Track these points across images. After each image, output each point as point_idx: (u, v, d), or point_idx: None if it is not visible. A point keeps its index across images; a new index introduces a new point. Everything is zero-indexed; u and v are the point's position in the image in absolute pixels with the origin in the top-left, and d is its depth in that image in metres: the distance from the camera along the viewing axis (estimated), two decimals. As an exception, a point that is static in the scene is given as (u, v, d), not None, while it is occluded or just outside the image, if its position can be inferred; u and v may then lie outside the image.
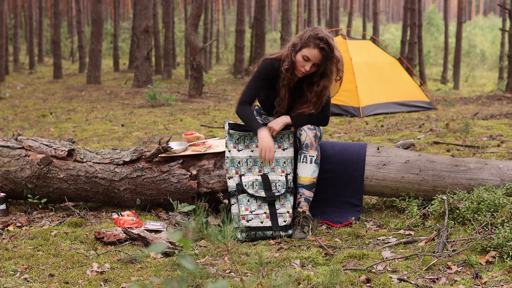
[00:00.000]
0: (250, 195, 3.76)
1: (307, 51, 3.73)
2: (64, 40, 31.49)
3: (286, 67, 3.78)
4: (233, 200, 3.78)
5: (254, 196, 3.76)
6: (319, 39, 3.71)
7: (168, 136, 7.52)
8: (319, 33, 3.74)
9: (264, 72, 3.86)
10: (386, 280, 2.94)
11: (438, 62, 27.07)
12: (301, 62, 3.75)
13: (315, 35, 3.73)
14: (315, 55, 3.73)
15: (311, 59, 3.74)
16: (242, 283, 2.12)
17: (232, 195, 3.78)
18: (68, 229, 3.85)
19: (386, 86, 10.26)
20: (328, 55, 3.73)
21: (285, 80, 3.81)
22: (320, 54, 3.72)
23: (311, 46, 3.72)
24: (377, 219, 4.00)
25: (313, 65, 3.76)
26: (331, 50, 3.73)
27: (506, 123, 7.73)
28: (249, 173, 3.85)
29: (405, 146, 4.63)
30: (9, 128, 9.28)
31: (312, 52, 3.72)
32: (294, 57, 3.77)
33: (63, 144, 4.38)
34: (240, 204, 3.74)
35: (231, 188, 3.79)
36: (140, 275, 3.10)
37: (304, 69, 3.76)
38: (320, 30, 3.78)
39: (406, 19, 18.20)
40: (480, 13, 66.30)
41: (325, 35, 3.74)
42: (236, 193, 3.77)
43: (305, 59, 3.74)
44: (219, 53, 30.54)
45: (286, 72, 3.79)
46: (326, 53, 3.72)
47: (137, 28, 15.16)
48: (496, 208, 3.53)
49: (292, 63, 3.77)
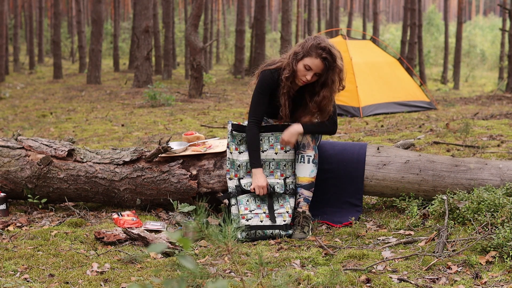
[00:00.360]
0: (250, 194, 3.77)
1: (309, 60, 3.70)
2: (64, 40, 31.49)
3: (286, 75, 3.75)
4: (233, 201, 3.79)
5: (253, 196, 3.77)
6: (322, 48, 3.68)
7: (168, 136, 7.52)
8: (321, 42, 3.71)
9: (264, 85, 3.83)
10: (386, 280, 2.94)
11: (438, 62, 27.07)
12: (303, 71, 3.72)
13: (317, 44, 3.70)
14: (317, 65, 3.70)
15: (312, 69, 3.71)
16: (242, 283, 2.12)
17: (233, 196, 3.78)
18: (68, 229, 3.85)
19: (386, 86, 10.26)
20: (330, 65, 3.70)
21: (285, 88, 3.78)
22: (322, 64, 3.70)
23: (313, 56, 3.69)
24: (377, 219, 4.00)
25: (314, 74, 3.73)
26: (334, 60, 3.70)
27: (506, 123, 7.73)
28: (248, 176, 3.86)
29: (405, 146, 4.63)
30: (9, 128, 9.28)
31: (314, 62, 3.69)
32: (296, 65, 3.73)
33: (63, 144, 4.38)
34: (240, 204, 3.75)
35: (231, 189, 3.80)
36: (140, 275, 3.10)
37: (305, 78, 3.73)
38: (322, 39, 3.75)
39: (406, 19, 18.20)
40: (480, 13, 66.31)
41: (328, 45, 3.71)
42: (236, 194, 3.78)
43: (307, 68, 3.71)
44: (219, 53, 30.55)
45: (286, 81, 3.76)
46: (328, 63, 3.69)
47: (137, 28, 15.17)
48: (496, 208, 3.54)
49: (293, 71, 3.74)
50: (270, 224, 3.72)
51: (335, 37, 11.63)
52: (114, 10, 24.58)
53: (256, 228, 3.70)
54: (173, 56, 23.18)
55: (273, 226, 3.72)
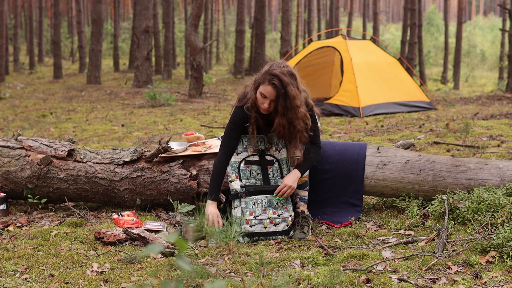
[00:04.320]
0: (259, 190, 3.71)
1: (262, 88, 3.60)
2: (64, 40, 31.49)
3: (248, 105, 3.69)
4: (236, 202, 3.74)
5: (261, 198, 3.72)
6: (272, 75, 3.57)
7: (168, 136, 7.52)
8: (274, 69, 3.60)
9: (236, 120, 3.77)
10: (386, 280, 2.94)
11: (438, 62, 27.07)
12: (260, 99, 3.63)
13: (269, 70, 3.60)
14: (269, 92, 3.58)
15: (267, 96, 3.60)
16: (243, 283, 2.12)
17: (240, 196, 3.74)
18: (68, 229, 3.85)
19: (386, 86, 10.26)
20: (279, 92, 3.56)
21: (252, 118, 3.70)
22: (273, 90, 3.58)
23: (265, 83, 3.59)
24: (377, 219, 4.00)
25: (271, 101, 3.62)
26: (283, 87, 3.55)
27: (506, 123, 7.73)
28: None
29: (405, 146, 4.63)
30: (9, 128, 9.28)
31: (266, 89, 3.59)
32: (254, 94, 3.66)
33: (63, 144, 4.38)
34: (246, 208, 3.71)
35: (238, 190, 3.75)
36: (140, 275, 3.10)
37: (263, 106, 3.63)
38: (278, 65, 3.64)
39: (406, 19, 18.20)
40: (480, 13, 66.31)
41: (280, 72, 3.56)
42: (244, 195, 3.73)
43: (262, 96, 3.61)
44: (219, 53, 30.55)
45: (250, 111, 3.69)
46: (277, 89, 3.57)
47: (137, 28, 15.16)
48: (496, 208, 3.54)
49: (253, 101, 3.67)
50: (273, 231, 3.71)
51: (335, 37, 11.64)
52: (114, 10, 24.58)
53: (259, 235, 3.71)
54: (173, 56, 23.19)
55: (275, 232, 3.72)
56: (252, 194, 3.72)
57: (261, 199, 3.72)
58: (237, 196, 3.73)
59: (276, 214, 3.72)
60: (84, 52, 20.81)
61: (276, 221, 3.72)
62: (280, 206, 3.74)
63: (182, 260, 1.64)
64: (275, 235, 3.73)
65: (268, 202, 3.73)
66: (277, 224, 3.73)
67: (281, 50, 17.10)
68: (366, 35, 23.27)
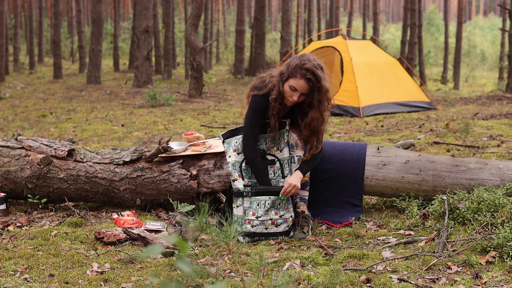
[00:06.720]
0: (265, 192, 3.71)
1: (293, 81, 3.66)
2: (64, 40, 31.50)
3: (274, 97, 3.71)
4: (239, 201, 3.74)
5: (264, 199, 3.72)
6: (306, 69, 3.63)
7: (168, 136, 7.52)
8: (306, 63, 3.65)
9: (258, 107, 3.77)
10: (386, 280, 2.94)
11: (438, 62, 27.07)
12: (289, 92, 3.69)
13: (301, 65, 3.65)
14: (302, 86, 3.65)
15: (298, 89, 3.67)
16: (243, 283, 2.12)
17: (245, 195, 3.74)
18: (68, 229, 3.85)
19: (386, 86, 10.26)
20: (314, 86, 3.66)
21: (274, 110, 3.73)
22: (307, 84, 3.65)
23: (297, 77, 3.65)
24: (377, 219, 4.00)
25: (301, 94, 3.69)
26: (318, 81, 3.65)
27: (506, 123, 7.73)
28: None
29: (405, 146, 4.63)
30: (9, 128, 9.28)
31: (299, 83, 3.65)
32: (282, 87, 3.70)
33: (63, 144, 4.38)
34: (249, 208, 3.71)
35: (241, 189, 3.74)
36: (140, 275, 3.10)
37: (292, 99, 3.70)
38: (307, 59, 3.69)
39: (406, 19, 18.20)
40: (480, 13, 66.31)
41: (312, 66, 3.65)
42: (249, 194, 3.72)
43: (292, 89, 3.67)
44: (219, 53, 30.54)
45: (275, 102, 3.72)
46: (312, 84, 3.65)
47: (137, 28, 15.17)
48: (496, 208, 3.54)
49: (280, 93, 3.71)
50: (274, 231, 3.71)
51: (335, 37, 11.64)
52: (114, 10, 24.58)
53: (260, 235, 3.71)
54: (173, 56, 23.18)
55: (276, 233, 3.72)
56: (257, 195, 3.72)
57: (265, 200, 3.72)
58: (242, 194, 3.73)
59: (278, 215, 3.72)
60: (84, 52, 20.82)
61: (278, 222, 3.72)
62: (282, 206, 3.75)
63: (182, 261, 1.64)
64: (275, 235, 3.73)
65: (272, 203, 3.73)
66: (279, 225, 3.73)
67: (281, 50, 17.10)
68: (366, 35, 23.27)
